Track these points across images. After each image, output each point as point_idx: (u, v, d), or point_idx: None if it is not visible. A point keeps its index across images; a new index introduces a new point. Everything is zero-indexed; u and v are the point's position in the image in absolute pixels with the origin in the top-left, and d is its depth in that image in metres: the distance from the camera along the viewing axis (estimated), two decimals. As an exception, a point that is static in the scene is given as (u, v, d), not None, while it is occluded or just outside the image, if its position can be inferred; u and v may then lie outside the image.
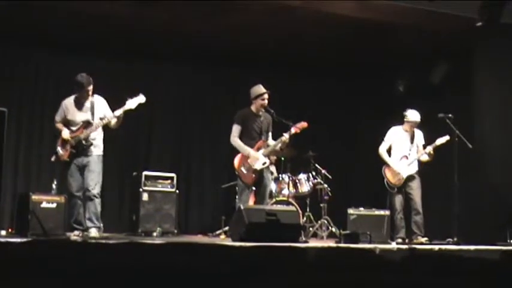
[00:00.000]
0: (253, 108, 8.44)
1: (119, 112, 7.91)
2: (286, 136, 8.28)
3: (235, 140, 8.39)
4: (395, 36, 9.75)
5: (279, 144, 8.44)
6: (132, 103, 7.98)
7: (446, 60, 10.30)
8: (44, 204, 8.20)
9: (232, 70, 11.39)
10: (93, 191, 7.83)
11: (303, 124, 8.31)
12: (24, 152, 10.35)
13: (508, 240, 8.56)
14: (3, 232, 8.46)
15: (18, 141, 10.27)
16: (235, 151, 8.44)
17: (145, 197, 9.79)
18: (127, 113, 8.00)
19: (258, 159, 8.29)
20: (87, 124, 7.93)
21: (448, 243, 8.40)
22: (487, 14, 8.76)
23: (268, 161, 8.43)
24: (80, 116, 7.98)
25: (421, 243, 8.70)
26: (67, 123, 8.00)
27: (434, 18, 8.97)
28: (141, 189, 9.81)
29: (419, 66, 10.69)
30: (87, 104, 8.01)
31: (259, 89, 8.41)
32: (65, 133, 7.89)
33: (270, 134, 8.60)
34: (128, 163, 10.86)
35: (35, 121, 10.46)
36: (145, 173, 9.97)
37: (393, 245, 8.39)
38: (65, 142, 7.89)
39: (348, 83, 11.84)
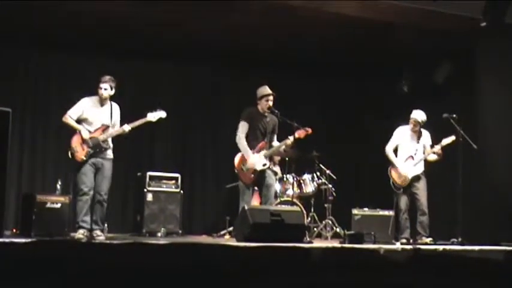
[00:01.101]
0: (259, 108, 8.45)
1: (139, 123, 8.06)
2: (290, 139, 8.28)
3: (241, 139, 8.37)
4: (396, 36, 9.74)
5: (282, 147, 8.45)
6: (152, 116, 8.18)
7: (449, 60, 10.30)
8: (49, 205, 8.20)
9: (233, 70, 11.40)
10: (105, 196, 7.99)
11: (307, 130, 8.29)
12: (28, 152, 10.36)
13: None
14: (8, 232, 8.46)
15: (22, 141, 10.28)
16: (237, 150, 8.43)
17: (149, 197, 9.79)
18: (146, 124, 8.16)
19: (256, 163, 8.28)
20: (106, 128, 8.02)
21: (452, 244, 8.38)
22: (491, 14, 8.76)
23: (268, 163, 8.41)
24: (99, 118, 8.05)
25: (426, 244, 8.68)
26: (82, 121, 8.04)
27: (435, 18, 8.96)
28: (145, 190, 9.82)
29: (423, 66, 10.68)
30: (107, 108, 8.09)
31: (265, 90, 8.42)
32: (85, 133, 7.93)
33: (275, 135, 8.59)
34: (132, 163, 10.84)
35: (38, 121, 10.46)
36: (149, 173, 9.97)
37: (398, 246, 8.37)
38: (83, 141, 7.93)
39: (349, 83, 11.83)
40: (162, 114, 8.24)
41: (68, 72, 10.56)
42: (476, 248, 7.40)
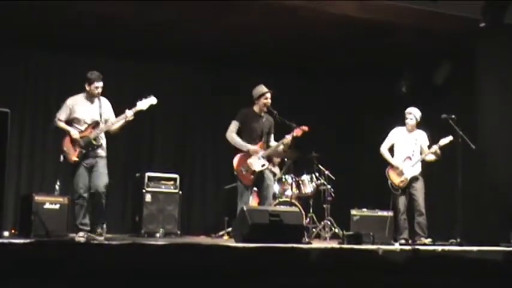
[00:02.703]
0: (255, 108, 8.42)
1: (130, 113, 7.90)
2: (288, 138, 8.26)
3: (231, 135, 8.35)
4: (396, 37, 9.74)
5: (280, 146, 8.43)
6: (143, 104, 8.01)
7: (448, 60, 10.30)
8: (47, 205, 8.19)
9: (233, 70, 11.39)
10: (102, 192, 7.88)
11: (304, 128, 8.29)
12: (26, 153, 10.35)
13: (511, 241, 8.53)
14: (6, 233, 8.45)
15: (20, 142, 10.28)
16: (236, 151, 8.41)
17: (148, 198, 9.78)
18: (136, 114, 8.01)
19: (258, 153, 8.27)
20: (95, 124, 7.91)
21: (451, 244, 8.38)
22: (491, 14, 8.76)
23: (267, 163, 8.40)
24: (88, 115, 7.93)
25: (425, 244, 8.68)
26: (72, 121, 7.93)
27: (435, 18, 8.97)
28: (144, 190, 9.80)
29: (422, 67, 10.68)
30: (96, 104, 7.98)
31: (262, 88, 8.39)
32: (75, 133, 7.84)
33: (272, 136, 8.58)
34: (131, 164, 10.85)
35: (37, 122, 10.46)
36: (148, 174, 9.96)
37: (396, 246, 8.37)
38: (74, 142, 7.84)
39: (350, 83, 11.84)
40: (152, 100, 8.06)
41: (68, 72, 10.55)
42: (475, 248, 7.39)
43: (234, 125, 8.37)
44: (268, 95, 8.35)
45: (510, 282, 2.75)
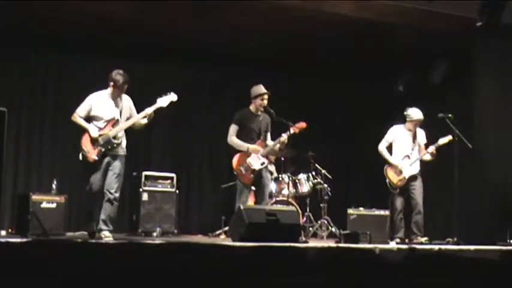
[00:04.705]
0: (252, 108, 8.44)
1: (150, 110, 7.80)
2: (284, 136, 8.27)
3: (232, 139, 8.37)
4: (395, 36, 9.75)
5: (278, 145, 8.44)
6: (163, 101, 7.88)
7: (446, 60, 10.31)
8: (44, 204, 8.18)
9: (232, 70, 11.37)
10: (115, 194, 7.71)
11: (302, 124, 8.30)
12: (24, 151, 10.34)
13: (508, 240, 8.55)
14: (3, 232, 8.46)
15: (18, 141, 10.26)
16: (234, 150, 8.42)
17: (145, 197, 9.78)
18: (157, 111, 7.91)
19: (258, 152, 8.28)
20: (115, 122, 7.79)
21: (448, 243, 8.39)
22: (487, 14, 8.78)
23: (266, 161, 8.42)
24: (108, 113, 7.78)
25: (421, 243, 8.69)
26: (90, 118, 7.80)
27: (433, 18, 8.98)
28: (141, 189, 9.81)
29: (419, 66, 10.69)
30: (117, 102, 7.86)
31: (259, 89, 8.40)
32: (94, 132, 7.68)
33: (269, 134, 8.59)
34: (128, 163, 10.80)
35: (35, 121, 10.45)
36: (145, 173, 9.96)
37: (393, 245, 8.38)
38: (93, 141, 7.70)
39: (348, 83, 11.83)
40: (172, 97, 7.94)
41: (67, 72, 10.54)
42: (472, 247, 7.41)
43: (233, 129, 8.39)
44: (266, 96, 8.37)
45: (507, 281, 2.75)
